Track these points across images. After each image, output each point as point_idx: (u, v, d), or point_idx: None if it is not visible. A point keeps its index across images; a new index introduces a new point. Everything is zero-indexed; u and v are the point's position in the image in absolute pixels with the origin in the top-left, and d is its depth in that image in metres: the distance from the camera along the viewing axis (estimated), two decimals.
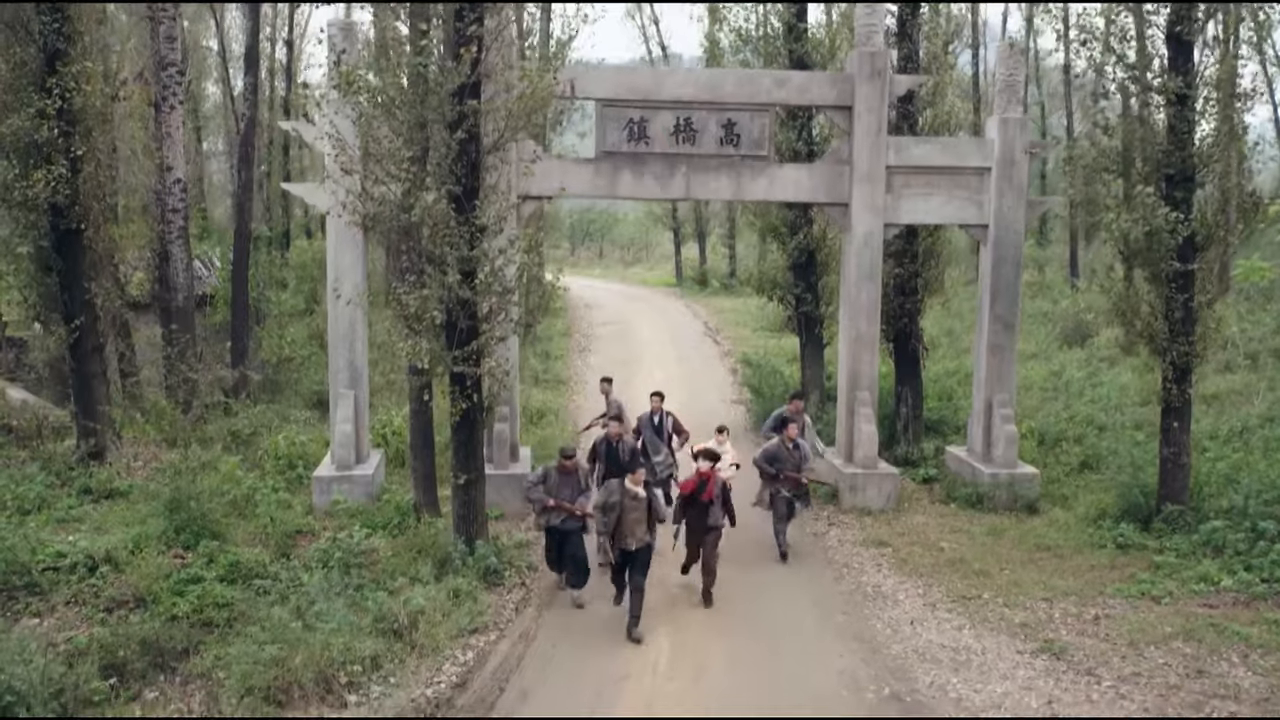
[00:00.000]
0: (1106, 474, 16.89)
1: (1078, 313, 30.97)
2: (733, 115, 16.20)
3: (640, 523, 11.69)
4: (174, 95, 21.33)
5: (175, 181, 21.47)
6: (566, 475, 12.51)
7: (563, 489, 12.49)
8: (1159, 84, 13.94)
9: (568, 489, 12.50)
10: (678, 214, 53.44)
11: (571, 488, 12.54)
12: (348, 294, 15.37)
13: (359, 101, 12.27)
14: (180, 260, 21.69)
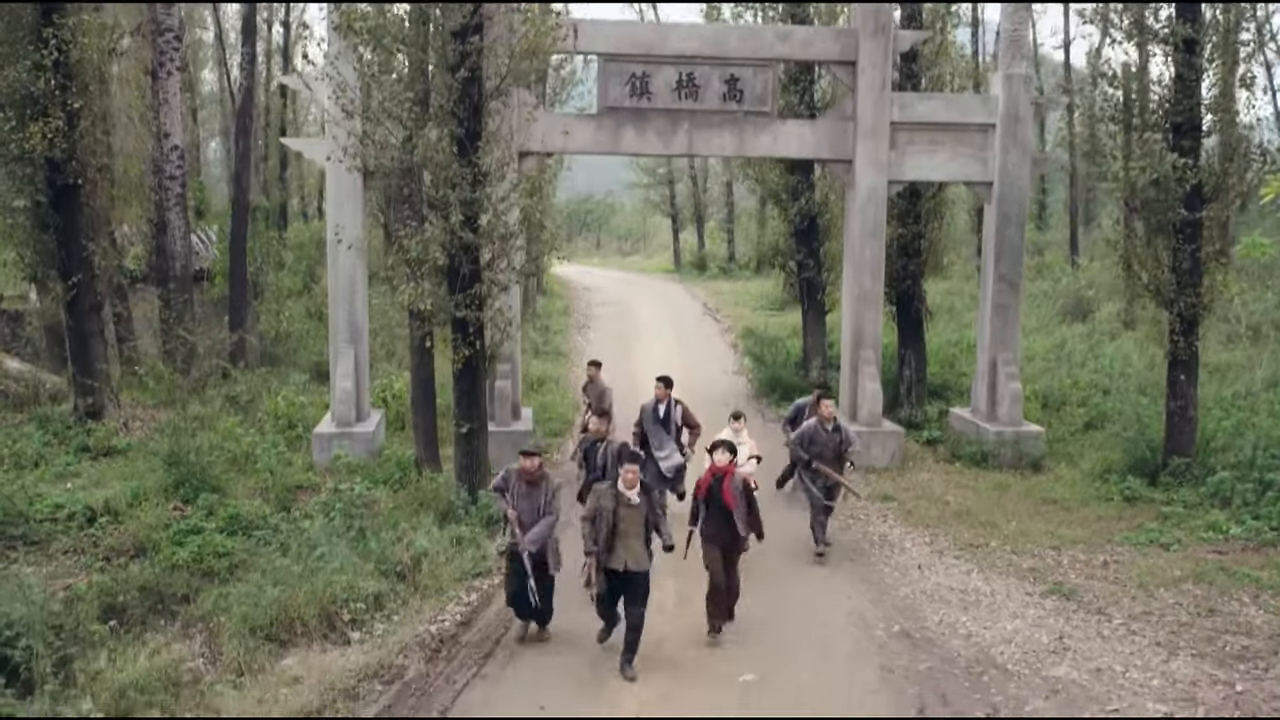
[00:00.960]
0: (1112, 429, 16.76)
1: (1079, 289, 30.89)
2: (736, 71, 16.07)
3: (637, 537, 9.11)
4: (171, 61, 21.15)
5: (173, 148, 21.29)
6: (529, 484, 9.64)
7: (523, 501, 9.61)
8: (1166, 32, 13.82)
9: (528, 503, 9.60)
10: (675, 200, 53.36)
11: (534, 503, 9.61)
12: (348, 254, 15.24)
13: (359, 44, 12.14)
14: (178, 228, 21.50)
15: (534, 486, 9.63)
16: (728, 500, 9.75)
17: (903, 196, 18.25)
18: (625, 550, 9.07)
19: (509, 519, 9.53)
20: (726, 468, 9.87)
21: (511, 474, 9.71)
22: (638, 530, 9.11)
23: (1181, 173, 13.65)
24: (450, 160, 11.72)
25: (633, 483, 9.14)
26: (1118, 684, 9.08)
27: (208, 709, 8.33)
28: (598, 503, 9.18)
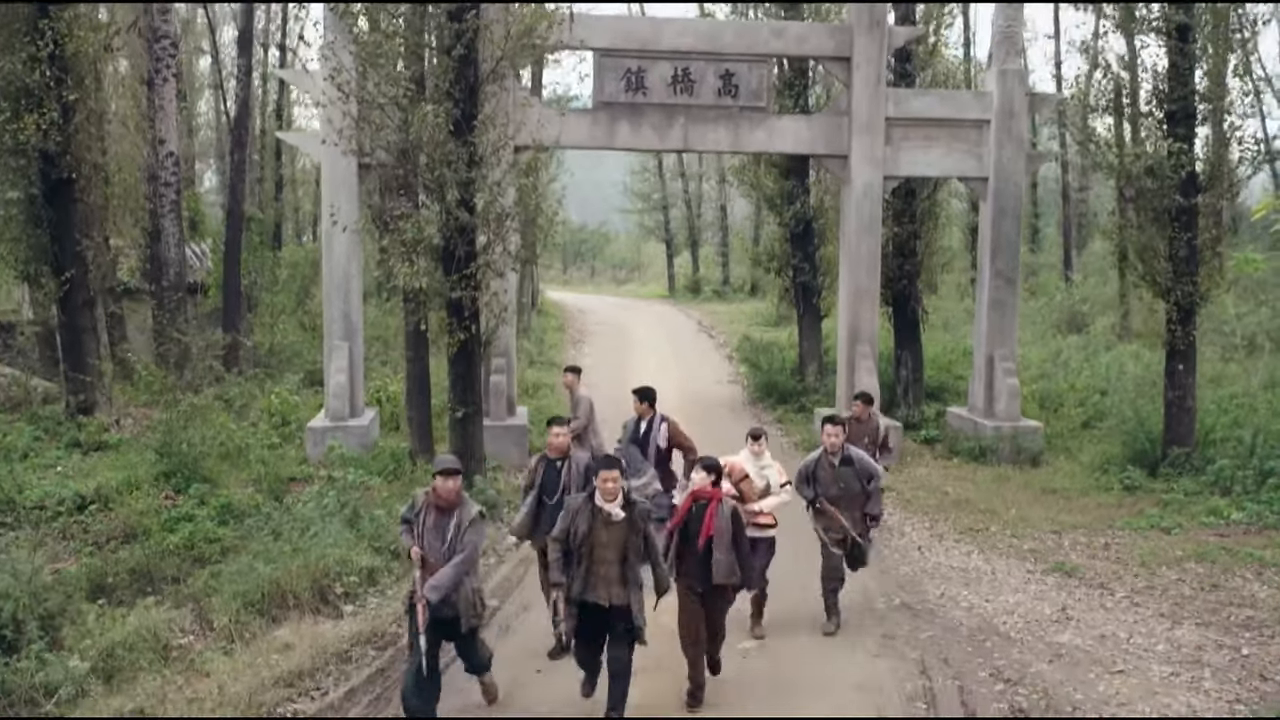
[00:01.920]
0: (1110, 423, 16.70)
1: (1073, 304, 30.98)
2: (731, 66, 16.11)
3: (619, 564, 7.21)
4: (167, 68, 21.16)
5: (168, 155, 21.26)
6: (440, 511, 7.24)
7: (430, 534, 7.25)
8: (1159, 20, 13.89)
9: (437, 537, 7.22)
10: (670, 225, 53.50)
11: (443, 536, 7.21)
12: (342, 241, 15.20)
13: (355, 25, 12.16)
14: (172, 235, 21.43)
15: (445, 515, 7.19)
16: (706, 534, 7.65)
17: (898, 196, 18.26)
18: (604, 580, 7.19)
19: (411, 557, 7.29)
20: (711, 492, 7.81)
21: (417, 501, 7.41)
22: (620, 555, 7.20)
23: (1176, 158, 13.67)
24: (446, 136, 11.68)
25: (613, 493, 7.15)
26: (1122, 649, 8.96)
27: (196, 673, 8.17)
28: (570, 521, 7.27)
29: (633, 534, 7.21)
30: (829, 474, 9.36)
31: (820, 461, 9.43)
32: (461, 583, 7.18)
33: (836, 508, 9.30)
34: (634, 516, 7.24)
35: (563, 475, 8.60)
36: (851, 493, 9.36)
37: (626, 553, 7.22)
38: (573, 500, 7.52)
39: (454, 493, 7.18)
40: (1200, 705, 7.79)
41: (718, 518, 7.71)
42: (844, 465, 9.36)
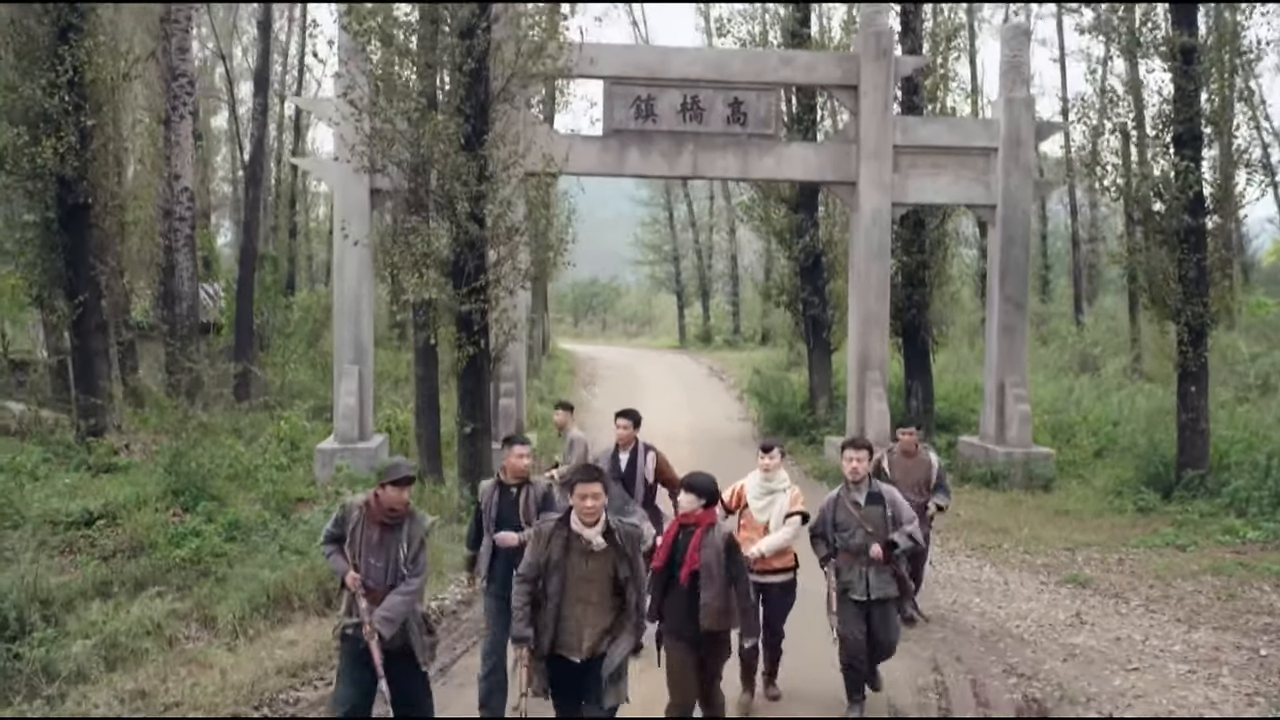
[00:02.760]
0: (1124, 445, 16.59)
1: (1084, 347, 30.91)
2: (740, 94, 16.29)
3: (601, 605, 5.81)
4: (184, 105, 21.51)
5: (183, 190, 21.53)
6: (384, 528, 6.09)
7: (371, 555, 6.09)
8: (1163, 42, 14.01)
9: (380, 558, 6.09)
10: (680, 277, 53.75)
11: (389, 557, 6.09)
12: (353, 265, 15.30)
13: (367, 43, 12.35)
14: (186, 269, 21.65)
15: (390, 531, 6.05)
16: (689, 570, 6.22)
17: (906, 226, 18.34)
18: (582, 626, 5.74)
19: (346, 585, 6.07)
20: (698, 516, 6.35)
21: (351, 512, 6.15)
22: (602, 594, 5.78)
23: (1183, 178, 13.71)
24: (456, 152, 11.81)
25: (594, 515, 5.69)
26: (1138, 650, 8.82)
27: (200, 665, 8.09)
28: (541, 552, 5.78)
29: (620, 566, 5.74)
30: (852, 515, 7.26)
31: (840, 501, 7.36)
32: (412, 609, 6.09)
33: (864, 565, 7.23)
34: (619, 544, 5.72)
35: (520, 505, 7.13)
36: (879, 540, 7.19)
37: (616, 588, 5.77)
38: (542, 524, 5.92)
39: (405, 505, 6.05)
40: (1218, 698, 7.64)
41: (705, 548, 6.21)
42: (871, 504, 7.29)
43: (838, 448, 16.07)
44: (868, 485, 7.39)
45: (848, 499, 7.35)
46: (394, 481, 5.99)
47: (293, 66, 40.69)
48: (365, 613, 5.95)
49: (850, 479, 7.36)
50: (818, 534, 7.42)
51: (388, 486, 6.00)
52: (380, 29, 12.03)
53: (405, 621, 6.03)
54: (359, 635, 6.00)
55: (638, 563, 5.85)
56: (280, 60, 39.51)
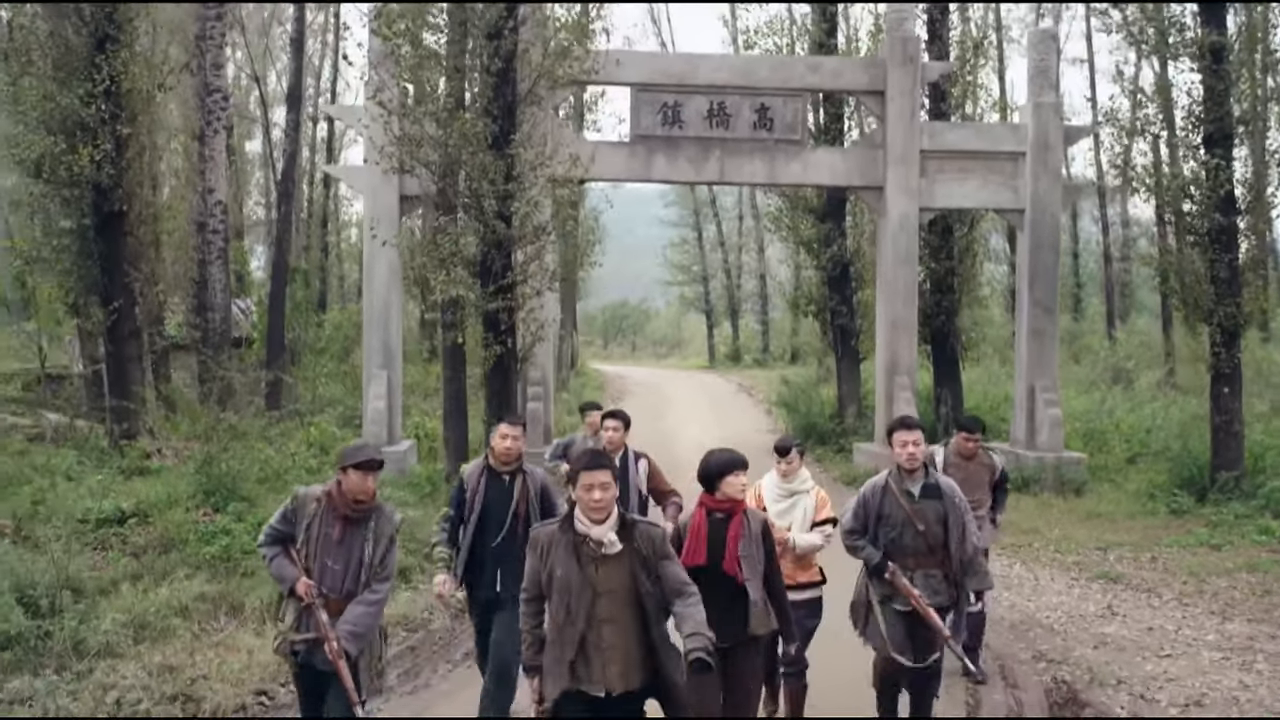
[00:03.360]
0: (1156, 449, 16.41)
1: (1117, 361, 30.66)
2: (766, 100, 16.35)
3: (623, 626, 4.58)
4: (218, 120, 21.85)
5: (217, 203, 21.83)
6: (346, 523, 5.17)
7: (329, 556, 5.16)
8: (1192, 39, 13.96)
9: (340, 559, 5.16)
10: (710, 297, 53.80)
11: (350, 558, 5.16)
12: (383, 270, 15.44)
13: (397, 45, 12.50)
14: (218, 281, 21.92)
15: (355, 526, 5.15)
16: (731, 563, 5.23)
17: (935, 233, 18.30)
18: (604, 651, 4.53)
19: (296, 592, 5.09)
20: (736, 503, 5.33)
21: (307, 503, 5.22)
22: (626, 609, 4.56)
23: (1214, 176, 13.61)
24: (484, 150, 11.92)
25: (603, 510, 4.53)
26: (1170, 639, 8.71)
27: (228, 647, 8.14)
28: (541, 564, 4.65)
29: (643, 571, 4.55)
30: (903, 510, 5.99)
31: (887, 490, 6.07)
32: (376, 625, 5.22)
33: (911, 568, 6.01)
34: (637, 543, 4.57)
35: (514, 497, 6.12)
36: (934, 543, 5.98)
37: (640, 602, 4.55)
38: (540, 530, 4.75)
39: (372, 495, 5.17)
40: (1252, 682, 7.53)
41: (745, 538, 5.25)
42: (927, 497, 6.00)
43: (867, 453, 16.04)
44: (924, 475, 6.05)
45: (898, 488, 6.01)
46: (357, 465, 5.05)
47: (325, 90, 41.26)
48: (326, 627, 4.91)
49: (906, 466, 6.00)
50: (855, 529, 6.12)
51: (350, 471, 5.04)
52: (410, 31, 12.17)
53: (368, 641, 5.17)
54: (311, 659, 5.03)
55: (666, 569, 4.58)
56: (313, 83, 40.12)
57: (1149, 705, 7.08)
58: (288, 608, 5.18)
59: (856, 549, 6.18)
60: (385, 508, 5.27)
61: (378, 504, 5.25)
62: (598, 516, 4.53)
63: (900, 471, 6.06)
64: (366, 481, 5.10)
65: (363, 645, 5.09)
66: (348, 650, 4.97)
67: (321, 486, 5.28)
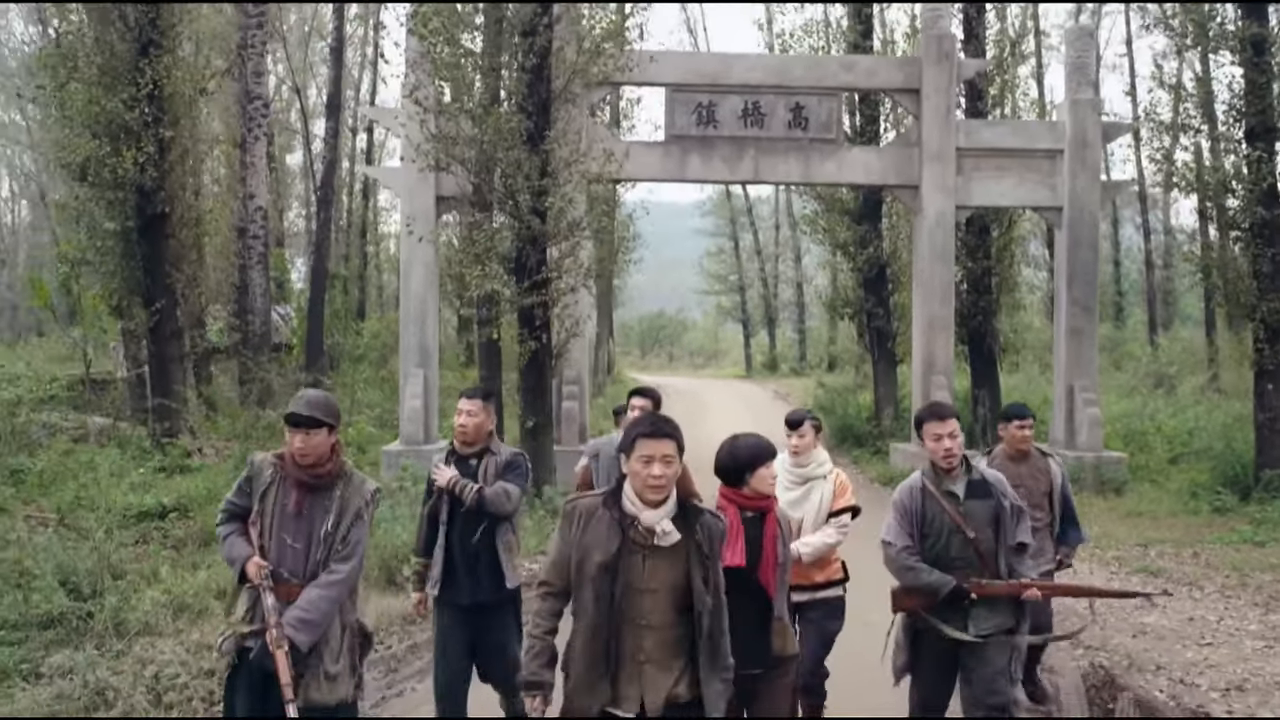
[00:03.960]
0: (1199, 449, 16.18)
1: (1159, 368, 30.29)
2: (801, 99, 16.34)
3: (663, 635, 3.74)
4: (259, 127, 22.16)
5: (257, 209, 22.13)
6: (304, 490, 4.45)
7: (286, 532, 4.46)
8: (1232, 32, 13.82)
9: (300, 534, 4.45)
10: (747, 306, 53.76)
11: (310, 533, 4.44)
12: (420, 270, 15.57)
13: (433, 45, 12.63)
14: (258, 286, 22.20)
15: (316, 496, 4.44)
16: (767, 571, 4.36)
17: (972, 232, 18.20)
18: (641, 668, 3.73)
19: (246, 576, 4.41)
20: (768, 500, 4.49)
21: (262, 470, 4.51)
22: (668, 614, 3.75)
23: (1256, 169, 13.45)
24: (518, 145, 12.01)
25: (661, 488, 3.70)
26: (1211, 628, 8.58)
27: None
28: (573, 546, 3.81)
29: (699, 569, 3.73)
30: (946, 515, 4.99)
31: (926, 493, 5.05)
32: (333, 612, 4.41)
33: (964, 577, 4.96)
34: (698, 536, 3.74)
35: (479, 479, 5.56)
36: (987, 551, 4.97)
37: (692, 607, 3.72)
38: (578, 501, 3.88)
39: (320, 456, 4.37)
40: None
41: (781, 542, 4.45)
42: (975, 497, 5.02)
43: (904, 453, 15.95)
44: (966, 471, 5.07)
45: (937, 490, 5.02)
46: (289, 419, 4.37)
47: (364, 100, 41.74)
48: (271, 612, 4.23)
49: (942, 465, 5.03)
50: (909, 544, 5.02)
51: (291, 431, 4.36)
52: (445, 30, 12.30)
53: (323, 631, 4.36)
54: (265, 661, 4.26)
55: (718, 572, 3.81)
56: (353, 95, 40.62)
57: (1189, 690, 6.98)
58: (240, 596, 4.48)
59: (916, 572, 4.98)
60: (356, 476, 4.53)
61: (347, 471, 4.50)
62: (655, 497, 3.67)
63: (936, 470, 5.08)
64: (311, 441, 4.31)
65: (315, 636, 4.26)
66: (293, 640, 4.19)
67: (276, 453, 4.57)
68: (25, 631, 7.42)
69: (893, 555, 5.08)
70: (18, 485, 13.63)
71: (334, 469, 4.46)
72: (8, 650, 7.01)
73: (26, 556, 8.53)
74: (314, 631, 4.29)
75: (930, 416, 5.20)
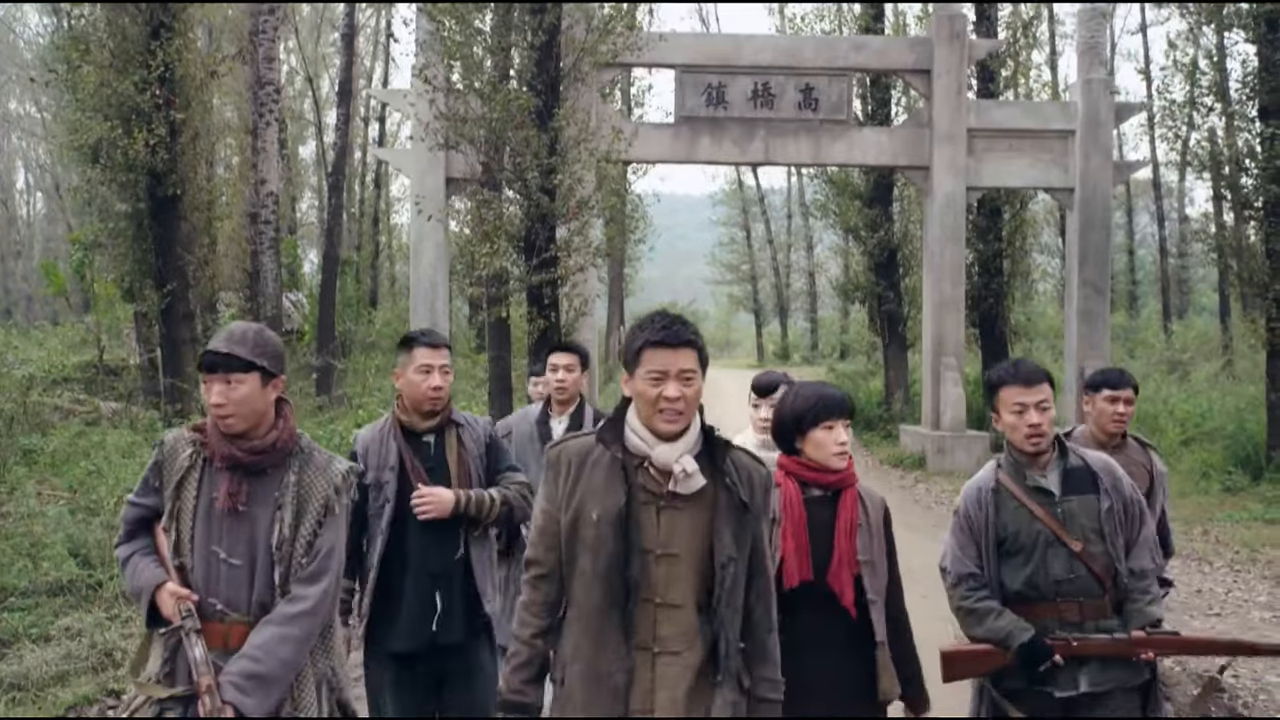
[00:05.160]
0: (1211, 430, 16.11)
1: (1173, 354, 30.15)
2: (811, 80, 16.29)
3: (683, 616, 2.71)
4: (270, 113, 22.12)
5: (269, 194, 22.10)
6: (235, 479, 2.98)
7: (215, 538, 2.97)
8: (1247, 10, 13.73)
9: (234, 545, 2.96)
10: (759, 296, 53.71)
11: (251, 542, 2.97)
12: (429, 252, 15.60)
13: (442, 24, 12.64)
14: (270, 270, 22.20)
15: (256, 486, 3.03)
16: (841, 575, 3.29)
17: (983, 214, 18.14)
18: (656, 661, 2.71)
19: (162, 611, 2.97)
20: (842, 475, 3.37)
21: (179, 453, 3.05)
22: (690, 587, 2.74)
23: (1269, 146, 13.37)
24: (527, 123, 12.01)
25: (680, 414, 2.71)
26: (1220, 600, 8.57)
27: None
28: (566, 501, 2.81)
29: (730, 527, 2.76)
30: (1037, 522, 3.58)
31: (1002, 493, 3.66)
32: (301, 657, 3.00)
33: (1073, 620, 3.54)
34: (730, 480, 2.77)
35: (449, 464, 3.96)
36: (1101, 568, 3.55)
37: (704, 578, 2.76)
38: (567, 443, 2.90)
39: (252, 417, 3.02)
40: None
41: (865, 532, 3.36)
42: (1074, 491, 3.60)
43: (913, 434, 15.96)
44: (1060, 456, 3.67)
45: (1019, 486, 3.63)
46: (206, 364, 3.02)
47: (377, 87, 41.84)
48: (202, 666, 2.87)
49: (1028, 448, 3.61)
50: (974, 571, 3.61)
51: (204, 381, 3.03)
52: (454, 8, 12.31)
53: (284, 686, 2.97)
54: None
55: (761, 535, 2.83)
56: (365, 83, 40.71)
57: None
58: (152, 645, 3.05)
59: (979, 615, 3.56)
60: (318, 454, 3.13)
61: (303, 447, 3.13)
62: (670, 427, 2.73)
63: (1017, 459, 3.64)
64: (226, 392, 2.97)
65: (272, 698, 2.92)
66: (238, 706, 2.85)
67: (191, 427, 3.12)
68: (35, 598, 7.47)
69: (951, 589, 3.65)
70: (30, 465, 13.71)
71: (280, 440, 3.03)
72: (18, 615, 7.06)
73: (37, 524, 8.56)
74: (270, 691, 2.90)
75: (1010, 378, 3.62)
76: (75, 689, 5.95)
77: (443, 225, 15.79)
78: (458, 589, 3.87)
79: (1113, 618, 3.52)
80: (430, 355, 3.93)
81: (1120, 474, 3.67)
